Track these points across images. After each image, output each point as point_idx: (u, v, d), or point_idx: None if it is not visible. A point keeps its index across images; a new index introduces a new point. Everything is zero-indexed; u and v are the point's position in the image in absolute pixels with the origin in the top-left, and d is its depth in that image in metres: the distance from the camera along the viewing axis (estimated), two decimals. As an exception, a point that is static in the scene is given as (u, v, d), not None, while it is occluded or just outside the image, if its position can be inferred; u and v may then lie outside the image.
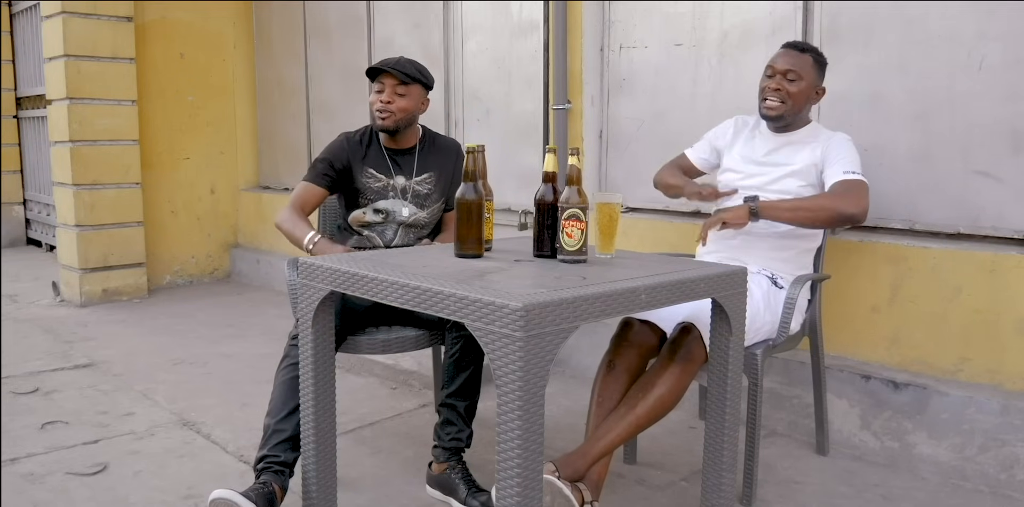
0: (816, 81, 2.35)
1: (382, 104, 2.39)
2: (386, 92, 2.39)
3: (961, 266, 2.44)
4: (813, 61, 2.33)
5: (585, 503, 1.88)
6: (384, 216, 2.47)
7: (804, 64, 2.32)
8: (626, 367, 2.13)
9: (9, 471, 2.41)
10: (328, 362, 1.88)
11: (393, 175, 2.48)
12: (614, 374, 2.12)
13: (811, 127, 2.42)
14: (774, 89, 2.33)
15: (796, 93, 2.31)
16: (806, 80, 2.32)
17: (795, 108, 2.34)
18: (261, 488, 2.02)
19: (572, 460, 1.92)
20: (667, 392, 1.98)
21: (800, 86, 2.31)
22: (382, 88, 2.40)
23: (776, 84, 2.32)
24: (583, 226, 1.78)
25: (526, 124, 3.72)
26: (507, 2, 3.73)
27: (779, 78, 2.32)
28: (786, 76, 2.31)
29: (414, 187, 2.49)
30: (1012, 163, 2.39)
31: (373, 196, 2.47)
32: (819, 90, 2.37)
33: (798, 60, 2.32)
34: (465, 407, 2.24)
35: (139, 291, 4.99)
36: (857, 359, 2.67)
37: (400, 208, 2.47)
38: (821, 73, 2.37)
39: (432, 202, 2.52)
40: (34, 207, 7.04)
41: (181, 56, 5.25)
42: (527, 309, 1.36)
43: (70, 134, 4.66)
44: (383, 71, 2.38)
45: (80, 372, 3.44)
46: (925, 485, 2.34)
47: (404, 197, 2.48)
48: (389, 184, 2.47)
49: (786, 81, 2.32)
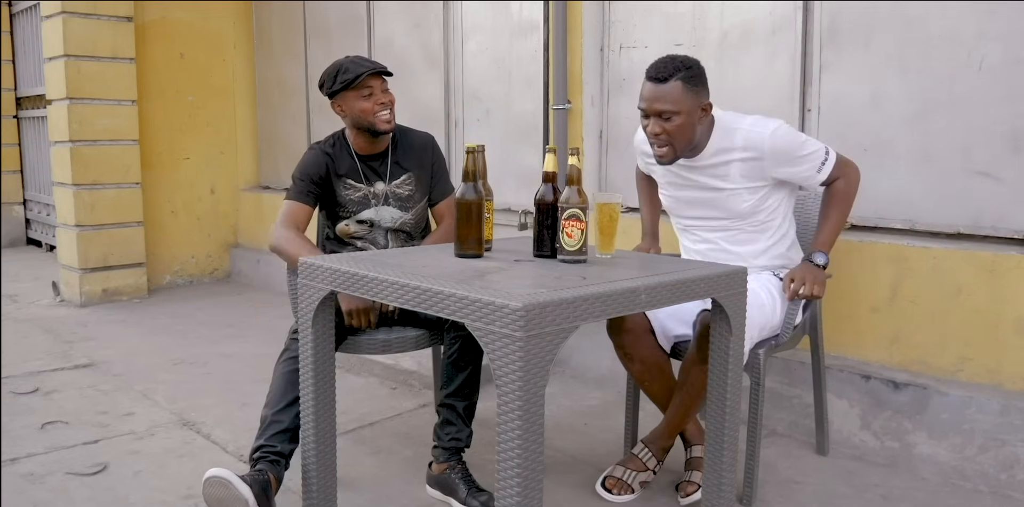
0: (695, 101, 2.08)
1: (383, 106, 2.32)
2: (380, 93, 2.31)
3: (961, 266, 2.44)
4: (682, 85, 2.04)
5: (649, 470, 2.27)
6: (370, 225, 2.44)
7: (674, 95, 2.04)
8: (636, 352, 2.24)
9: (9, 471, 2.41)
10: (328, 362, 1.88)
11: (371, 182, 2.42)
12: (635, 364, 2.26)
13: (719, 133, 2.17)
14: (655, 134, 2.10)
15: (677, 130, 2.07)
16: (683, 111, 2.06)
17: (686, 143, 2.12)
18: (257, 475, 2.01)
19: (655, 437, 2.28)
20: (701, 385, 2.03)
21: (679, 121, 2.06)
22: (371, 91, 2.30)
23: (654, 128, 2.09)
24: (583, 226, 1.78)
25: (526, 124, 3.72)
26: (507, 2, 3.73)
27: (655, 121, 2.09)
28: (661, 116, 2.07)
29: (395, 191, 2.44)
30: (1012, 163, 2.39)
31: (355, 207, 2.41)
32: (704, 106, 2.11)
33: (665, 94, 2.04)
34: (464, 407, 2.23)
35: (139, 291, 4.99)
36: (857, 359, 2.67)
37: (383, 215, 2.43)
38: (699, 88, 2.08)
39: (415, 203, 2.47)
40: (34, 207, 7.04)
41: (181, 56, 5.25)
42: (527, 309, 1.36)
43: (70, 134, 4.66)
44: (365, 75, 2.28)
45: (80, 372, 3.44)
46: (925, 485, 2.34)
47: (386, 203, 2.43)
48: (369, 192, 2.42)
49: (663, 121, 2.07)
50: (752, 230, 2.26)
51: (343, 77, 2.30)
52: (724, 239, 2.28)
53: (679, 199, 2.32)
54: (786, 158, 2.15)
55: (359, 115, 2.33)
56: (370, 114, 2.32)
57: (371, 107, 2.31)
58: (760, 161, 2.15)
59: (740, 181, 2.18)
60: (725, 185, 2.19)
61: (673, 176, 2.29)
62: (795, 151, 2.16)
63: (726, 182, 2.19)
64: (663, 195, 2.40)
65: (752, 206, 2.21)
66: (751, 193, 2.19)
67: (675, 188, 2.31)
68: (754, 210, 2.22)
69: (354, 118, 2.34)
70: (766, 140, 2.13)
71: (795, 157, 2.16)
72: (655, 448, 2.28)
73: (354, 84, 2.29)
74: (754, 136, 2.14)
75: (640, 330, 2.23)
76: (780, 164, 2.16)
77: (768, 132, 2.14)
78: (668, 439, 2.29)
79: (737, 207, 2.21)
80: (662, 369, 2.27)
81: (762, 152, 2.14)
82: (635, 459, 2.27)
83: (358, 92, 2.30)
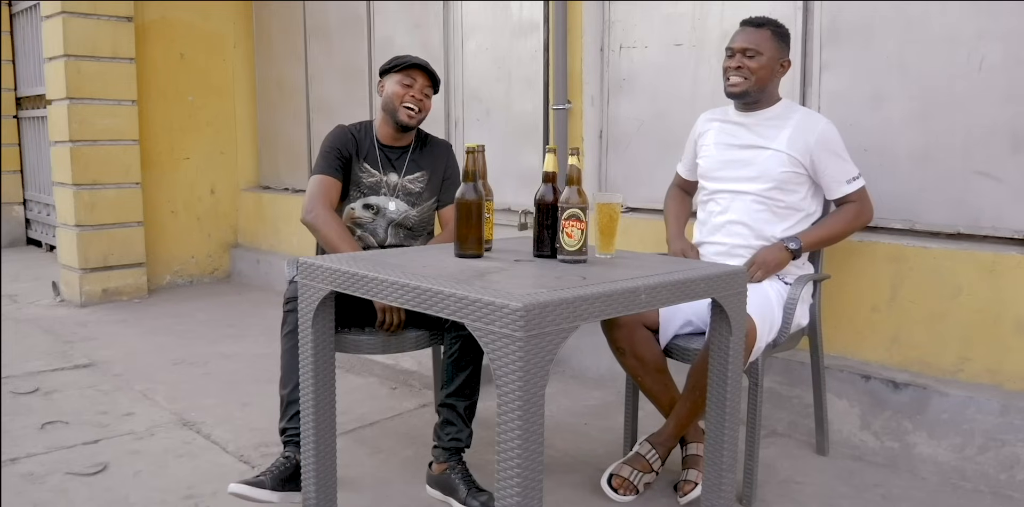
0: (778, 54, 2.32)
1: (415, 100, 2.40)
2: (418, 89, 2.41)
3: (961, 266, 2.44)
4: (771, 34, 2.30)
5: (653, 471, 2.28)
6: (374, 211, 2.47)
7: (762, 39, 2.29)
8: (630, 346, 2.26)
9: (9, 471, 2.41)
10: (328, 362, 1.88)
11: (386, 172, 2.48)
12: (628, 358, 2.28)
13: (783, 104, 2.39)
14: (735, 68, 2.30)
15: (757, 68, 2.28)
16: (766, 54, 2.29)
17: (759, 83, 2.31)
18: (284, 463, 2.13)
19: (661, 439, 2.29)
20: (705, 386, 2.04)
21: (760, 61, 2.29)
22: (412, 83, 2.41)
23: (736, 63, 2.30)
24: (583, 226, 1.78)
25: (526, 124, 3.72)
26: (507, 2, 3.73)
27: (738, 57, 2.30)
28: (745, 53, 2.29)
29: (406, 185, 2.49)
30: (1012, 163, 2.39)
31: (366, 190, 2.47)
32: (784, 62, 2.34)
33: (754, 36, 2.30)
34: (464, 407, 2.24)
35: (139, 291, 4.99)
36: (857, 359, 2.67)
37: (390, 205, 2.47)
38: (783, 45, 2.33)
39: (423, 200, 2.51)
40: (34, 207, 7.04)
41: (181, 56, 5.25)
42: (527, 309, 1.36)
43: (70, 134, 4.66)
44: (416, 67, 2.40)
45: (80, 372, 3.44)
46: (925, 485, 2.34)
47: (395, 194, 2.48)
48: (382, 180, 2.47)
49: (745, 58, 2.29)
50: (777, 209, 2.32)
51: (398, 60, 2.44)
52: (747, 212, 2.33)
53: (720, 159, 2.41)
54: (829, 149, 2.30)
55: (390, 98, 2.43)
56: (399, 100, 2.41)
57: (404, 94, 2.41)
58: (807, 139, 2.29)
59: (785, 146, 2.31)
60: (770, 145, 2.32)
61: (725, 135, 2.41)
62: (838, 148, 2.32)
63: (773, 143, 2.32)
64: (703, 157, 2.45)
65: (786, 175, 2.30)
66: (791, 162, 2.30)
67: (721, 148, 2.41)
68: (787, 182, 2.30)
69: (386, 99, 2.45)
70: (820, 124, 2.32)
71: (835, 153, 2.31)
72: (661, 450, 2.29)
73: (401, 68, 2.42)
74: (813, 118, 2.35)
75: (634, 325, 2.25)
76: (822, 150, 2.29)
77: (824, 121, 2.34)
78: (674, 441, 2.30)
79: (774, 169, 2.30)
80: (656, 364, 2.28)
81: (814, 133, 2.30)
82: (641, 459, 2.27)
83: (401, 77, 2.42)
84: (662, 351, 2.29)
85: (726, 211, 2.37)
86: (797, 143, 2.30)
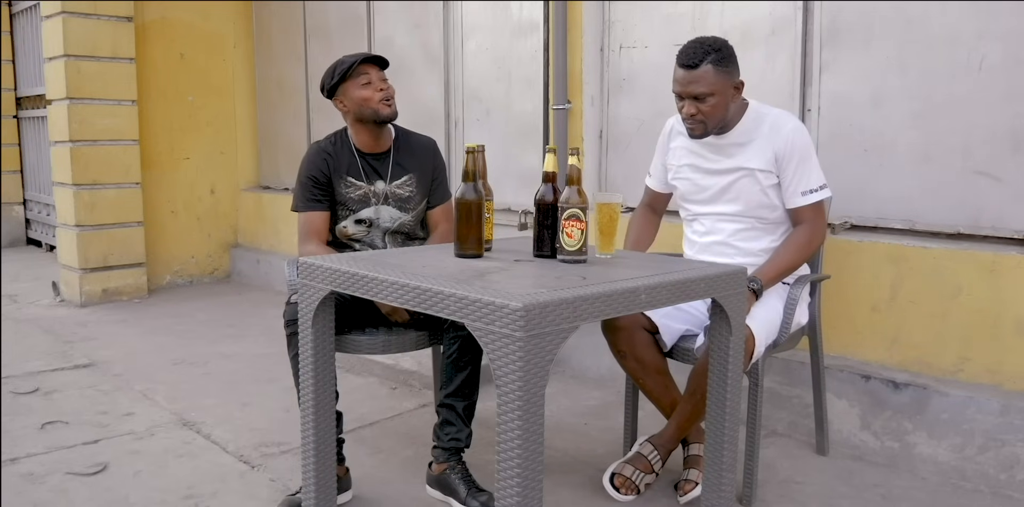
0: (727, 83, 2.17)
1: (383, 92, 2.32)
2: (377, 80, 2.33)
3: (961, 266, 2.44)
4: (713, 69, 2.14)
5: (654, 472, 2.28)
6: (367, 225, 2.44)
7: (704, 79, 2.14)
8: (630, 348, 2.25)
9: (9, 471, 2.41)
10: (328, 362, 1.88)
11: (372, 181, 2.42)
12: (628, 360, 2.27)
13: (751, 116, 2.26)
14: (691, 115, 2.19)
15: (711, 110, 2.17)
16: (715, 92, 2.15)
17: (717, 121, 2.21)
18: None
19: (663, 441, 2.29)
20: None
21: (712, 101, 2.16)
22: (369, 80, 2.32)
23: (689, 109, 2.19)
24: (583, 226, 1.78)
25: (526, 124, 3.72)
26: (507, 2, 3.73)
27: (688, 103, 2.18)
28: (696, 98, 2.17)
29: (395, 191, 2.43)
30: (1012, 163, 2.39)
31: (355, 206, 2.41)
32: (737, 85, 2.21)
33: (698, 78, 2.14)
34: (464, 407, 2.23)
35: (139, 291, 4.99)
36: (857, 359, 2.67)
37: (383, 214, 2.43)
38: (730, 69, 2.18)
39: (415, 204, 2.47)
40: (34, 207, 7.04)
41: (181, 56, 5.25)
42: (527, 309, 1.36)
43: (70, 134, 4.66)
44: (359, 64, 2.30)
45: (80, 372, 3.44)
46: (925, 485, 2.34)
47: (386, 202, 2.43)
48: (369, 191, 2.41)
49: (697, 102, 2.17)
50: (762, 225, 2.30)
51: (340, 69, 2.32)
52: (731, 232, 2.31)
53: (697, 184, 2.35)
54: (792, 154, 2.22)
55: (360, 104, 2.33)
56: (371, 101, 2.32)
57: (371, 94, 2.32)
58: (775, 146, 2.22)
59: (757, 162, 2.24)
60: (745, 164, 2.25)
61: (696, 156, 2.34)
62: (804, 153, 2.24)
63: (748, 161, 2.25)
64: (679, 179, 2.40)
65: (764, 193, 2.25)
66: (766, 177, 2.25)
67: (695, 171, 2.35)
68: (765, 200, 2.26)
69: (356, 109, 2.34)
70: (787, 128, 2.23)
71: (800, 159, 2.23)
72: (662, 451, 2.29)
73: (350, 73, 2.31)
74: (780, 122, 2.25)
75: (634, 327, 2.24)
76: (785, 154, 2.22)
77: (791, 125, 2.25)
78: (675, 443, 2.30)
79: (752, 193, 2.26)
80: (657, 366, 2.28)
81: (780, 137, 2.22)
82: (643, 459, 2.27)
83: (356, 81, 2.32)
84: (662, 353, 2.29)
85: (710, 232, 2.35)
86: (767, 153, 2.23)
